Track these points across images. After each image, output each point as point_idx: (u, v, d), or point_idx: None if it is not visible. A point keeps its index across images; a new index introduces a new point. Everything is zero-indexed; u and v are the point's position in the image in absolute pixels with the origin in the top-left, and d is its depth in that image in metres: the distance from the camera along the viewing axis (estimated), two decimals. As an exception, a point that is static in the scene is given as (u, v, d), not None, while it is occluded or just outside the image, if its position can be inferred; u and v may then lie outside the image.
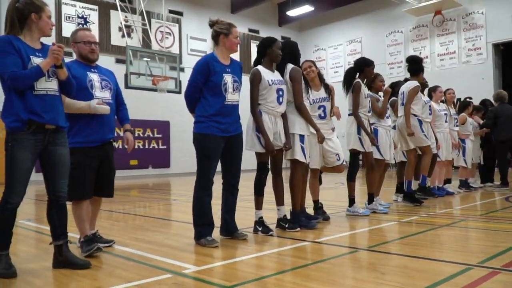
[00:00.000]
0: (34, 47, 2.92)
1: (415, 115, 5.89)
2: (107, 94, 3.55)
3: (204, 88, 3.70)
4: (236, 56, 19.15)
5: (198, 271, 2.89)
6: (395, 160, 6.02)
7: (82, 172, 3.33)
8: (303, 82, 4.32)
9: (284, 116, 4.22)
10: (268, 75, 4.11)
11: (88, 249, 3.28)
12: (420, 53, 17.97)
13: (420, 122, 5.95)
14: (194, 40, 17.73)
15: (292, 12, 19.55)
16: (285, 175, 4.32)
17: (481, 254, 3.15)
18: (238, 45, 3.88)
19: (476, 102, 9.94)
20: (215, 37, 3.78)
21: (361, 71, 5.16)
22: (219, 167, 3.83)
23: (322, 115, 4.76)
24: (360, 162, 6.00)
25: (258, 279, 2.67)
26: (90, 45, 3.51)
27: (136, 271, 2.92)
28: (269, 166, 4.25)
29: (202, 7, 18.18)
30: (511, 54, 16.49)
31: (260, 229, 4.14)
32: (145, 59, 13.56)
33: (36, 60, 2.86)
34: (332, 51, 20.76)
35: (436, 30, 17.50)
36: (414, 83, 5.95)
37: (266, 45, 4.14)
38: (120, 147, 15.32)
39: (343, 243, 3.78)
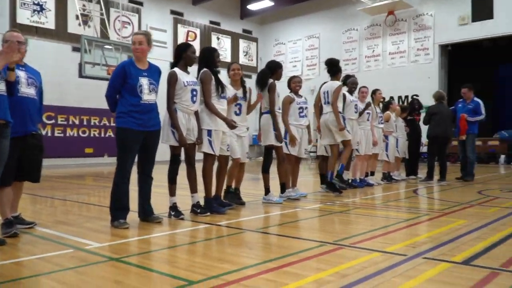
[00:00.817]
0: None
1: (340, 112, 6.53)
2: (32, 91, 4.01)
3: (122, 89, 4.21)
4: (196, 48, 19.44)
5: (98, 247, 3.40)
6: (310, 154, 6.61)
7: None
8: (215, 82, 4.86)
9: (196, 113, 4.75)
10: (184, 76, 4.64)
11: (5, 232, 3.71)
12: (373, 50, 18.86)
13: (343, 118, 6.62)
14: (154, 31, 17.91)
15: (252, 6, 20.03)
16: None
17: (343, 234, 3.79)
18: (141, 50, 4.25)
19: (423, 99, 10.55)
20: None
21: (274, 72, 5.73)
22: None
23: (238, 112, 5.32)
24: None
25: (144, 253, 3.21)
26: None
27: (43, 247, 3.41)
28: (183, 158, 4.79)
29: (163, -3, 18.41)
30: (458, 55, 17.50)
31: (173, 213, 4.68)
32: (106, 46, 13.78)
33: None
34: (291, 45, 21.38)
35: (389, 30, 18.35)
36: (337, 83, 6.59)
37: (181, 49, 4.69)
38: (76, 135, 15.62)
39: (240, 225, 4.36)
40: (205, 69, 4.85)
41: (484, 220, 4.48)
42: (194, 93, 4.67)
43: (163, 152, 5.45)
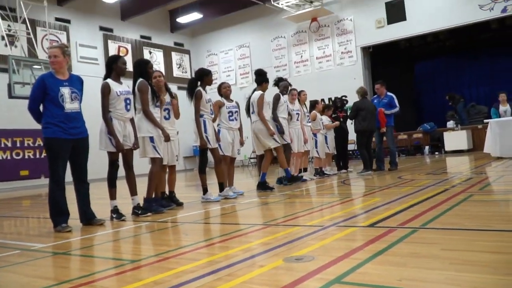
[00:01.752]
0: None
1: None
2: None
3: (45, 101, 4.40)
4: (128, 63, 19.50)
5: (43, 247, 3.63)
6: (250, 161, 7.09)
7: None
8: (150, 92, 5.20)
9: (132, 120, 5.06)
10: (116, 87, 4.94)
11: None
12: (301, 56, 19.77)
13: (275, 121, 7.15)
14: (84, 48, 17.80)
15: (182, 19, 20.35)
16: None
17: (270, 218, 4.25)
18: (58, 62, 4.42)
19: (351, 99, 11.26)
20: None
21: (201, 80, 6.12)
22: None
23: (167, 116, 5.68)
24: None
25: (88, 247, 3.49)
26: None
27: (-10, 252, 3.58)
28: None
29: (91, 14, 18.30)
30: (379, 55, 18.81)
31: (114, 216, 4.93)
32: (35, 66, 13.51)
33: None
34: (223, 55, 21.91)
35: (314, 36, 19.35)
36: (259, 93, 7.05)
37: (111, 61, 4.99)
38: (9, 158, 15.12)
39: (176, 220, 4.70)
40: (141, 79, 5.17)
41: (396, 196, 5.11)
42: (128, 101, 4.98)
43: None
